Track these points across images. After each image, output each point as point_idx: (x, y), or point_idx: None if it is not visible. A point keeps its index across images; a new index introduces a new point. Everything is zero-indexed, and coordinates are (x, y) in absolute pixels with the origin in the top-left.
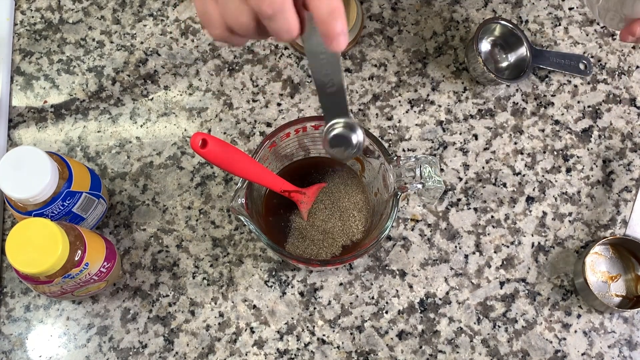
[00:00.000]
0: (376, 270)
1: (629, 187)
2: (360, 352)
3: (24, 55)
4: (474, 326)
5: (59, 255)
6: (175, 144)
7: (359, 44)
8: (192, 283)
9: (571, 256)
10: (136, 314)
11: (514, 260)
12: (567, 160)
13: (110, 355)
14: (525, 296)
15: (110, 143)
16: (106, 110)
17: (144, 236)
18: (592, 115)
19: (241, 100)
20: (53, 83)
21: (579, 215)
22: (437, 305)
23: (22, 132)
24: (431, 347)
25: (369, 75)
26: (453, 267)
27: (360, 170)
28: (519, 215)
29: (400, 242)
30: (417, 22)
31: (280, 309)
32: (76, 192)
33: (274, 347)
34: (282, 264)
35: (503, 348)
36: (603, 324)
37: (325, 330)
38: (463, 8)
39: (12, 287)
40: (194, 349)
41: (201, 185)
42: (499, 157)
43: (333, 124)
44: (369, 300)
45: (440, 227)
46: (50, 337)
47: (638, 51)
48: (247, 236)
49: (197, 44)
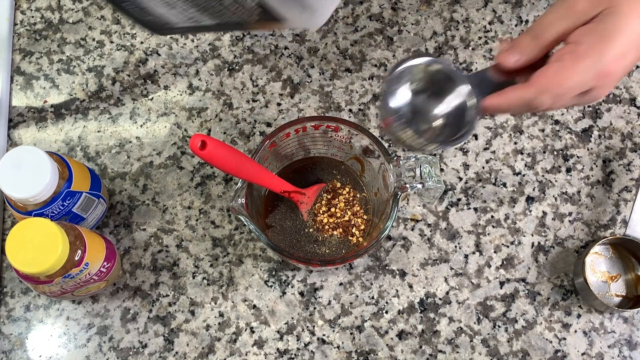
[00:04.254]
0: (376, 270)
1: (629, 187)
2: (360, 352)
3: (24, 55)
4: (474, 326)
5: (59, 255)
6: (175, 143)
7: (359, 44)
8: (192, 283)
9: (571, 256)
10: (136, 313)
11: (514, 260)
12: (567, 160)
13: (110, 355)
14: (525, 296)
15: (110, 143)
16: (106, 110)
17: (144, 236)
18: (592, 115)
19: (241, 100)
20: (53, 83)
21: (579, 215)
22: (437, 305)
23: (22, 132)
24: (431, 347)
25: (369, 75)
26: (453, 267)
27: (360, 170)
28: (519, 215)
29: (400, 242)
30: (417, 22)
31: (280, 309)
32: (76, 192)
33: (274, 347)
34: (282, 263)
35: (503, 348)
36: (603, 324)
37: (325, 330)
38: (463, 8)
39: (12, 287)
40: (194, 349)
41: (201, 185)
42: (499, 157)
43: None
44: (369, 300)
45: (440, 227)
46: (50, 337)
47: None
48: (247, 236)
49: (197, 44)
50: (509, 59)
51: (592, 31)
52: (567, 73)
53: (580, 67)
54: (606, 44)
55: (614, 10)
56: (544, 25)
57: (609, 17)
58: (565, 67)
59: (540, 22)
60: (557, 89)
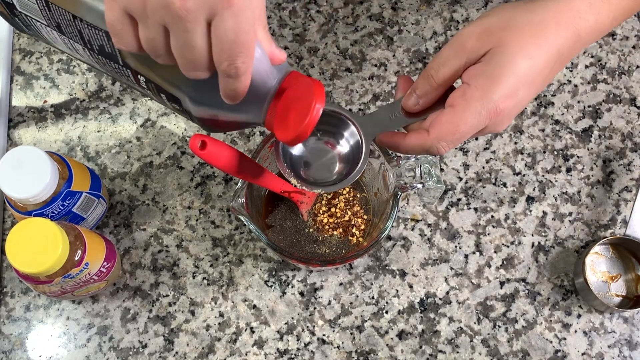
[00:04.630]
0: (376, 270)
1: (629, 187)
2: (360, 352)
3: (24, 55)
4: (474, 326)
5: (59, 255)
6: (175, 144)
7: (359, 44)
8: (192, 283)
9: (571, 256)
10: (136, 313)
11: (514, 260)
12: (567, 160)
13: (110, 355)
14: (525, 296)
15: (110, 143)
16: (106, 110)
17: (144, 236)
18: (592, 115)
19: None
20: (53, 83)
21: (579, 215)
22: (437, 305)
23: (22, 132)
24: (431, 347)
25: (369, 75)
26: (453, 267)
27: None
28: (519, 215)
29: (400, 242)
30: (417, 22)
31: (280, 309)
32: (76, 192)
33: (274, 347)
34: (282, 263)
35: (503, 348)
36: (603, 324)
37: (325, 330)
38: (463, 8)
39: (12, 287)
40: (194, 349)
41: (201, 185)
42: (499, 156)
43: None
44: (369, 300)
45: (440, 227)
46: (50, 337)
47: (638, 51)
48: (247, 236)
49: None
50: (410, 104)
51: (480, 72)
52: (460, 118)
53: (471, 110)
54: (494, 84)
55: (501, 50)
56: (437, 65)
57: (497, 56)
58: (457, 113)
59: (433, 62)
60: (452, 135)
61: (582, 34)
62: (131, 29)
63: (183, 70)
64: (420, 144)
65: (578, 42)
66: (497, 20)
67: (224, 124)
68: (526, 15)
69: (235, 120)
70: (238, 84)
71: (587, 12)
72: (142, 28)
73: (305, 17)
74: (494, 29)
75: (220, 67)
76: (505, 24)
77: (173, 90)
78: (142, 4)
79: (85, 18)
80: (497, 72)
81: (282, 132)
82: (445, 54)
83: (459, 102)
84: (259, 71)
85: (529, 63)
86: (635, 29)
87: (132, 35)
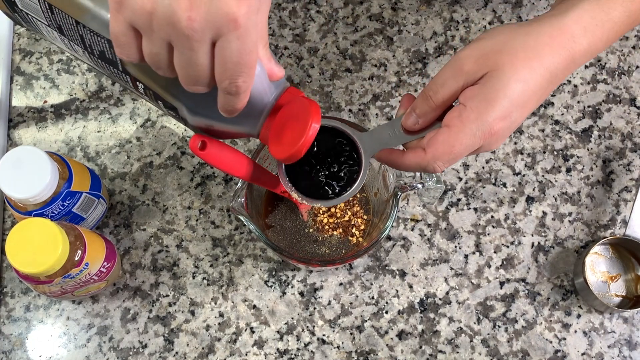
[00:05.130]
0: (376, 270)
1: (629, 187)
2: (360, 352)
3: (24, 55)
4: (474, 326)
5: (59, 255)
6: (175, 144)
7: (359, 44)
8: (192, 283)
9: (571, 256)
10: (136, 314)
11: (514, 260)
12: (567, 160)
13: (110, 355)
14: (525, 296)
15: (110, 143)
16: (106, 110)
17: (144, 236)
18: (592, 115)
19: None
20: (53, 83)
21: (579, 215)
22: (437, 305)
23: (22, 132)
24: (431, 347)
25: (369, 75)
26: (453, 267)
27: None
28: (519, 215)
29: (400, 242)
30: (417, 22)
31: (280, 309)
32: (76, 192)
33: (274, 347)
34: (282, 264)
35: (503, 348)
36: (603, 324)
37: (325, 330)
38: (463, 8)
39: (12, 287)
40: (194, 349)
41: (201, 185)
42: (499, 157)
43: None
44: (369, 300)
45: (440, 227)
46: (50, 337)
47: (638, 51)
48: (247, 236)
49: None
50: (409, 123)
51: (476, 94)
52: (455, 139)
53: (467, 132)
54: (489, 107)
55: (497, 74)
56: (436, 86)
57: (493, 79)
58: (453, 133)
59: (432, 83)
60: (448, 155)
61: (576, 57)
62: (135, 41)
63: (184, 84)
64: (418, 162)
65: (572, 64)
66: (493, 44)
67: (220, 133)
68: (521, 39)
69: (230, 131)
70: (237, 101)
71: (581, 36)
72: (146, 42)
73: (305, 17)
74: (490, 53)
75: (222, 85)
76: (501, 47)
77: (171, 99)
78: (149, 19)
79: (88, 25)
80: (493, 95)
81: (276, 148)
82: (444, 76)
83: (455, 123)
84: (257, 87)
85: (522, 86)
86: (636, 29)
87: (135, 48)
